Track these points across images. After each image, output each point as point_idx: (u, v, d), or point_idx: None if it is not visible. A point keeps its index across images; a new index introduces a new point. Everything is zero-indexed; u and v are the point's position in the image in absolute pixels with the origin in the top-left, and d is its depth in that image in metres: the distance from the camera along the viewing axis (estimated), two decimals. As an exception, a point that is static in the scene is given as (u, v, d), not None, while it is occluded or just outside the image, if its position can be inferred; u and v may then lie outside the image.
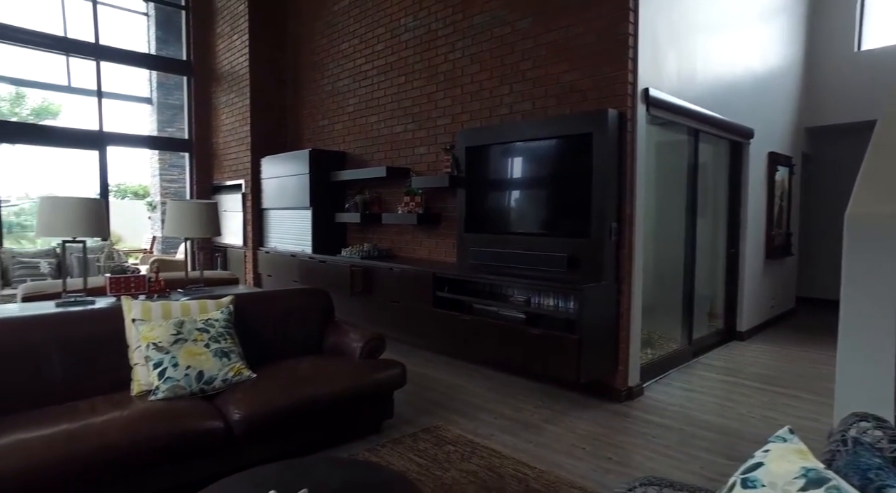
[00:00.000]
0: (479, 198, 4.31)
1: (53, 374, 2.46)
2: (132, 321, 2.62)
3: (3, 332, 2.42)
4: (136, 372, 2.55)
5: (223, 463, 2.43)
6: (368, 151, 5.67)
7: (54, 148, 7.47)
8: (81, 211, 2.81)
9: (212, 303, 2.90)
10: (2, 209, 6.51)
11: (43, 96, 12.97)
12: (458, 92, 4.69)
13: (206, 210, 3.32)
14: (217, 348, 2.64)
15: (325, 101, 6.30)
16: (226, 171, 7.31)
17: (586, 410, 3.45)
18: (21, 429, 2.07)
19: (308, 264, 5.70)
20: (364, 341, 3.16)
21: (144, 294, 3.18)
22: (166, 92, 9.79)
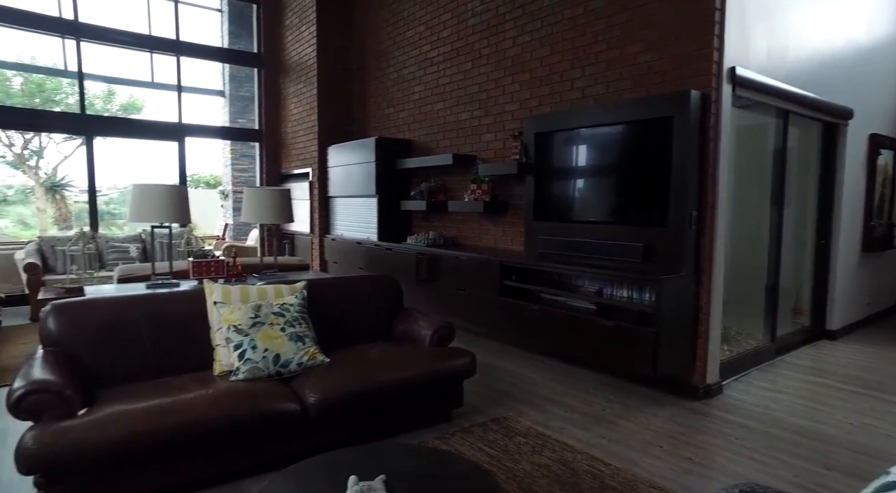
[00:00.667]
0: (549, 185, 4.19)
1: (146, 351, 2.60)
2: (214, 304, 2.72)
3: (106, 310, 2.58)
4: (218, 353, 2.66)
5: (298, 444, 2.50)
6: (434, 138, 5.64)
7: (140, 140, 7.94)
8: (168, 198, 2.94)
9: (286, 288, 2.97)
10: (97, 199, 6.93)
11: (130, 92, 13.83)
12: (526, 77, 4.57)
13: (280, 197, 3.40)
14: (292, 332, 2.70)
15: (390, 89, 6.32)
16: (294, 159, 7.51)
17: (661, 406, 3.30)
18: (123, 401, 2.20)
19: (374, 251, 5.77)
20: (434, 328, 3.15)
21: (223, 278, 3.30)
22: (238, 84, 10.18)
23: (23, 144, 12.97)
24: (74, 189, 13.80)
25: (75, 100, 13.71)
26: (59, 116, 9.04)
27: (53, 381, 2.09)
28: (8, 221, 13.42)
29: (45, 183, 13.45)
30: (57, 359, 2.33)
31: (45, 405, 2.04)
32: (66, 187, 13.71)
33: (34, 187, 13.46)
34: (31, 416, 2.03)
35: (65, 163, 13.69)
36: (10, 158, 12.99)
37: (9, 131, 12.60)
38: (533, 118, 4.31)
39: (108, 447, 1.99)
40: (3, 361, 4.19)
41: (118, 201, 14.93)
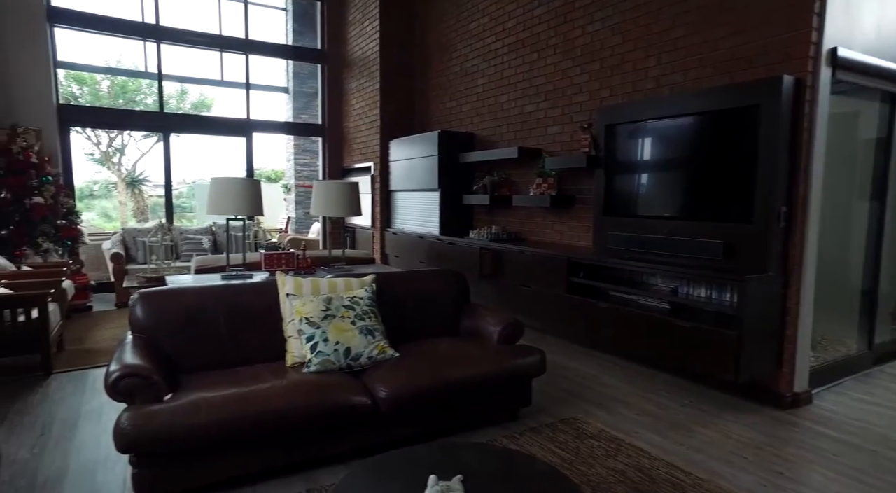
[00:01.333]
0: (620, 179, 4.02)
1: (222, 340, 2.68)
2: (286, 296, 2.77)
3: (187, 300, 2.68)
4: (290, 344, 2.70)
5: (367, 438, 2.51)
6: (497, 131, 5.56)
7: (211, 136, 8.28)
8: (243, 191, 3.02)
9: (356, 281, 2.99)
10: (172, 192, 7.28)
11: (200, 92, 14.52)
12: (596, 67, 4.40)
13: (348, 191, 3.42)
14: (362, 325, 2.71)
15: (452, 82, 6.27)
16: (355, 154, 7.61)
17: (742, 414, 3.10)
18: (204, 388, 2.27)
19: (436, 245, 5.76)
20: (502, 325, 3.09)
21: (293, 270, 3.37)
22: (301, 81, 10.43)
23: (108, 142, 13.88)
24: (150, 184, 14.66)
25: (153, 99, 14.51)
26: (140, 114, 9.57)
27: (143, 366, 2.18)
28: (94, 213, 14.40)
29: (125, 178, 14.34)
30: (144, 345, 2.44)
31: (136, 389, 2.13)
32: (143, 182, 14.58)
33: (117, 183, 14.39)
34: (124, 398, 2.13)
35: (143, 160, 14.55)
36: (97, 156, 13.92)
37: (97, 130, 13.51)
38: (604, 109, 4.14)
39: (192, 432, 2.06)
40: (96, 343, 4.47)
41: (187, 195, 15.74)
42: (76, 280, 5.50)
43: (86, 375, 3.73)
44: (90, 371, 3.79)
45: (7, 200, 5.35)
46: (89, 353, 4.19)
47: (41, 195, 5.51)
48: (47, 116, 6.13)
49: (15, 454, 2.58)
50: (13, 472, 2.42)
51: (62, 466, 2.49)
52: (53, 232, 5.60)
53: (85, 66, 11.51)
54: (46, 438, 2.77)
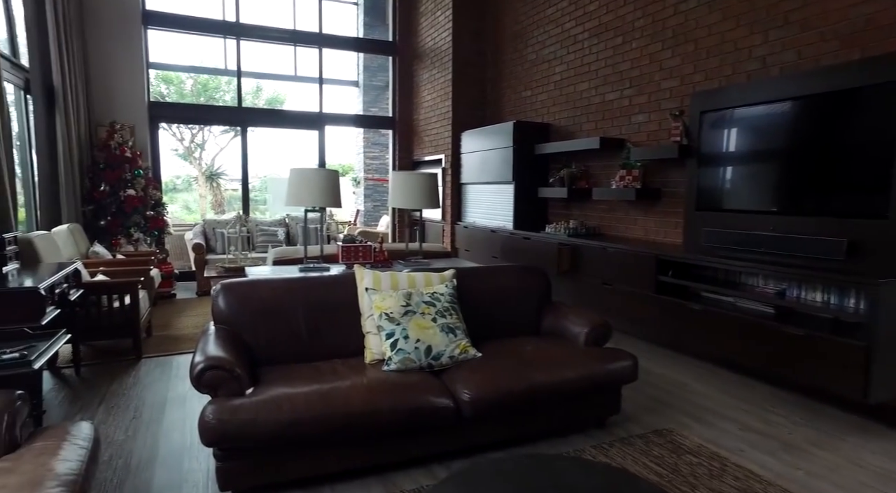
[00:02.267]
0: (716, 170, 3.68)
1: (301, 333, 2.64)
2: (365, 290, 2.69)
3: (267, 292, 2.65)
4: (369, 340, 2.62)
5: (449, 442, 2.39)
6: (576, 121, 5.28)
7: (285, 129, 8.48)
8: (323, 182, 2.97)
9: (436, 276, 2.87)
10: (249, 185, 7.50)
11: (274, 88, 15.02)
12: (689, 48, 4.05)
13: (427, 182, 3.31)
14: (443, 322, 2.59)
15: (528, 71, 6.04)
16: (426, 146, 7.54)
17: (872, 438, 2.72)
18: (284, 383, 2.23)
19: (509, 240, 5.58)
20: (589, 327, 2.87)
21: (369, 263, 3.30)
22: (371, 74, 10.49)
23: (190, 138, 14.64)
24: (227, 178, 15.35)
25: (230, 96, 15.14)
26: (220, 109, 9.95)
27: (226, 359, 2.15)
28: (177, 206, 15.25)
29: (205, 172, 15.08)
30: (226, 337, 2.43)
31: (220, 381, 2.11)
32: (220, 176, 15.28)
33: (197, 177, 15.16)
34: (209, 389, 2.11)
35: (220, 155, 15.24)
36: (180, 152, 14.73)
37: (181, 127, 14.29)
38: (699, 95, 3.80)
39: (274, 429, 2.01)
40: (180, 330, 4.63)
41: (260, 189, 16.35)
42: (162, 269, 5.75)
43: (171, 361, 3.85)
44: (175, 358, 3.91)
45: (105, 192, 5.66)
46: (174, 339, 4.34)
47: (133, 188, 5.80)
48: (140, 113, 6.45)
49: (112, 435, 2.67)
50: (111, 453, 2.50)
51: (153, 450, 2.54)
52: (143, 223, 5.89)
53: (172, 66, 12.16)
54: (138, 421, 2.85)
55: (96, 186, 5.68)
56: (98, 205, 5.67)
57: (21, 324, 2.60)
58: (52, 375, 3.60)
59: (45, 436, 1.75)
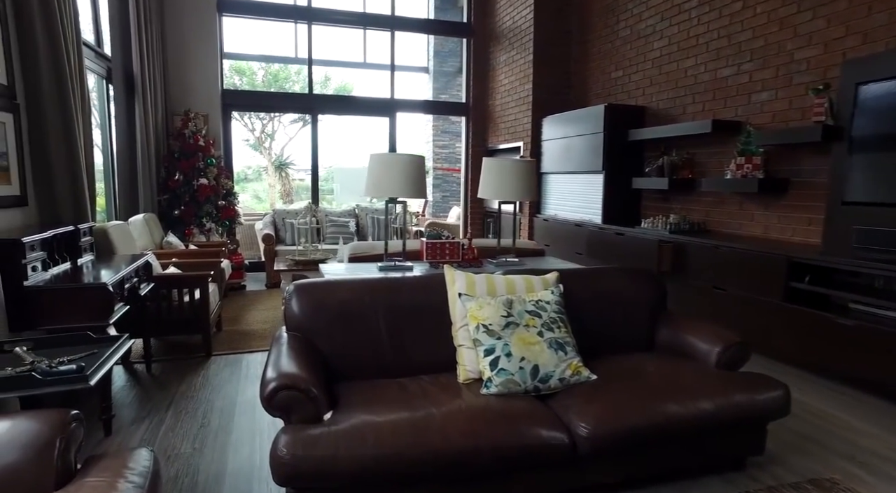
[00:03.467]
0: (876, 156, 3.03)
1: (383, 343, 2.30)
2: (458, 296, 2.31)
3: (345, 294, 2.33)
4: (462, 355, 2.24)
5: (560, 481, 1.98)
6: (679, 103, 4.67)
7: (354, 117, 8.26)
8: (407, 169, 2.61)
9: (537, 280, 2.45)
10: (318, 174, 7.33)
11: (342, 78, 14.96)
12: (840, 6, 3.38)
13: (525, 169, 2.88)
14: (551, 337, 2.17)
15: (619, 49, 5.45)
16: (502, 133, 7.08)
17: None
18: (366, 407, 1.89)
19: (598, 235, 5.06)
20: (721, 345, 2.37)
21: (456, 262, 2.92)
22: (441, 60, 10.12)
23: (261, 128, 14.88)
24: (295, 167, 15.51)
25: (300, 87, 15.23)
26: (291, 96, 9.90)
27: (301, 377, 1.83)
28: (247, 195, 15.58)
29: (274, 162, 15.29)
30: (300, 347, 2.12)
31: (294, 404, 1.79)
32: (289, 166, 15.46)
33: (267, 167, 15.41)
34: (281, 413, 1.80)
35: (289, 145, 15.41)
36: (251, 142, 15.01)
37: (252, 118, 14.53)
38: (853, 63, 3.14)
39: (356, 467, 1.67)
40: (249, 325, 4.47)
41: (325, 178, 16.42)
42: (233, 260, 5.65)
43: (240, 360, 3.65)
44: (244, 356, 3.71)
45: (179, 181, 5.61)
46: (244, 336, 4.16)
47: (206, 177, 5.72)
48: (213, 102, 6.39)
49: (179, 447, 2.45)
50: (178, 468, 2.28)
51: (220, 465, 2.30)
52: (215, 212, 5.81)
53: (244, 55, 12.30)
54: (206, 430, 2.62)
55: (171, 175, 5.63)
56: (172, 194, 5.63)
57: (89, 322, 2.41)
58: (125, 369, 3.48)
59: (101, 468, 1.48)
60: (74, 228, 2.94)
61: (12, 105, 2.94)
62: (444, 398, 1.99)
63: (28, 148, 3.11)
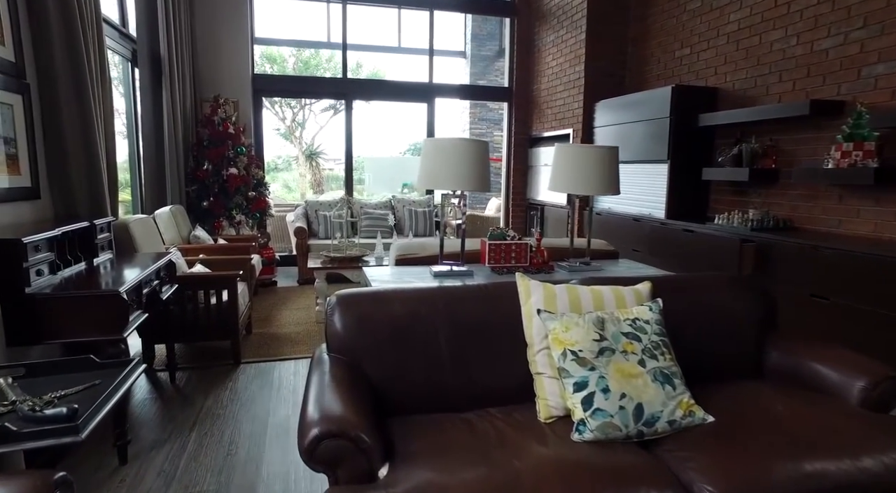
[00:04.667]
0: None
1: (444, 369, 1.90)
2: (536, 312, 1.88)
3: (396, 307, 1.93)
4: (542, 385, 1.82)
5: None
6: (762, 82, 4.11)
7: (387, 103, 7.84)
8: (470, 156, 2.18)
9: (628, 292, 2.00)
10: (352, 163, 6.97)
11: (374, 64, 14.59)
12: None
13: (607, 158, 2.42)
14: (656, 367, 1.73)
15: (686, 23, 4.89)
16: (548, 120, 6.58)
17: None
18: (431, 459, 1.48)
19: (660, 231, 4.55)
20: (866, 379, 1.88)
21: (523, 267, 2.49)
22: (479, 43, 9.62)
23: (291, 117, 14.65)
24: (326, 157, 15.25)
25: (330, 74, 14.92)
26: (325, 81, 9.53)
27: (350, 421, 1.44)
28: (277, 185, 15.39)
29: (305, 151, 15.06)
30: (346, 376, 1.73)
31: (342, 456, 1.40)
32: (319, 155, 15.20)
33: (297, 156, 15.19)
34: (325, 468, 1.42)
35: (319, 134, 15.14)
36: (282, 131, 14.80)
37: (283, 107, 14.30)
38: None
39: (428, 545, 1.27)
40: (281, 327, 4.13)
41: (355, 168, 16.08)
42: (263, 254, 5.34)
43: (271, 370, 3.31)
44: (276, 366, 3.37)
45: (208, 171, 5.31)
46: (275, 340, 3.83)
47: (235, 166, 5.41)
48: (244, 87, 6.07)
49: (202, 483, 2.10)
50: (196, 511, 1.92)
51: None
52: (245, 204, 5.50)
53: (275, 40, 12.01)
54: (233, 460, 2.27)
55: (199, 164, 5.33)
56: (201, 185, 5.33)
57: (100, 335, 2.07)
58: (147, 378, 3.18)
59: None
60: (89, 223, 2.61)
61: (21, 85, 2.62)
62: (527, 446, 1.58)
63: (41, 134, 2.79)
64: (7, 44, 2.54)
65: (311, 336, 3.93)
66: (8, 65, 2.53)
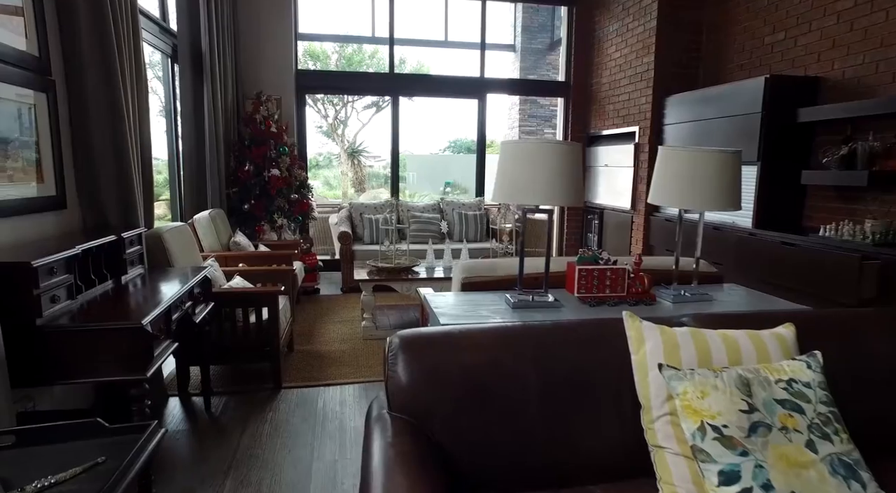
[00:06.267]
0: None
1: (533, 434, 1.49)
2: (658, 368, 1.45)
3: (472, 355, 1.53)
4: (665, 465, 1.39)
5: None
6: (882, 68, 3.51)
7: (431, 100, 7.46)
8: (562, 165, 1.76)
9: (769, 338, 1.55)
10: (398, 162, 6.63)
11: (417, 58, 14.23)
12: None
13: (730, 164, 1.95)
14: (832, 453, 1.27)
15: (781, 4, 4.30)
16: (609, 117, 6.06)
17: None
18: None
19: (751, 243, 4.00)
20: None
21: (618, 297, 2.05)
22: (530, 36, 9.13)
23: (334, 115, 14.48)
24: (368, 154, 15.04)
25: (374, 70, 14.67)
26: (372, 76, 9.23)
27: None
28: (318, 181, 15.28)
29: (347, 149, 14.88)
30: (415, 449, 1.34)
31: None
32: (362, 153, 15.00)
33: (339, 154, 15.03)
34: None
35: (361, 132, 14.93)
36: (324, 128, 14.66)
37: (325, 104, 14.14)
38: None
39: None
40: (325, 344, 3.81)
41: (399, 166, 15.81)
42: (305, 261, 5.05)
43: (315, 397, 2.98)
44: (319, 392, 3.04)
45: (250, 172, 5.06)
46: (318, 359, 3.50)
47: (278, 167, 5.14)
48: (287, 84, 5.81)
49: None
50: None
51: None
52: (287, 207, 5.22)
53: (319, 36, 11.82)
54: (271, 522, 1.93)
55: (241, 164, 5.08)
56: (242, 187, 5.08)
57: (121, 375, 1.76)
58: (181, 403, 2.90)
59: None
60: (117, 237, 2.32)
61: (46, 82, 2.35)
62: (662, 565, 1.16)
63: (67, 137, 2.52)
64: (30, 36, 2.27)
65: (357, 355, 3.59)
66: (31, 59, 2.26)
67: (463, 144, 16.09)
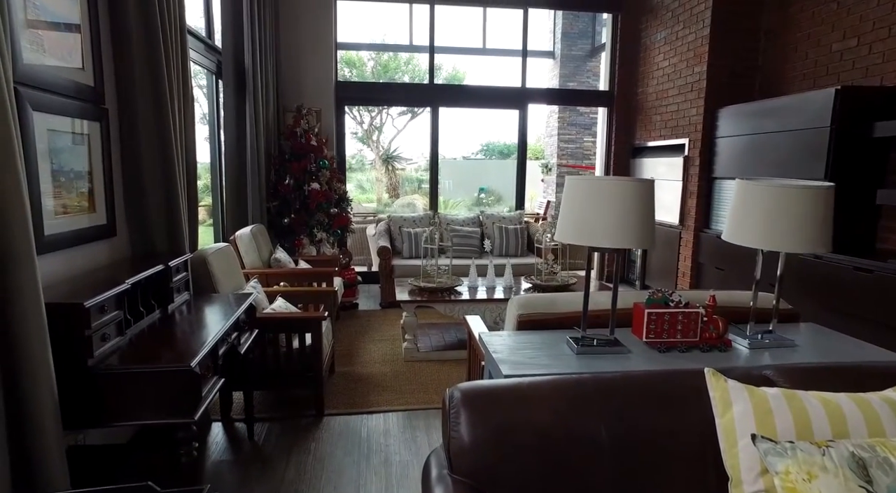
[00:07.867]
0: None
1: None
2: (751, 439, 1.30)
3: (542, 414, 1.41)
4: (762, 550, 1.24)
5: None
6: (968, 82, 3.23)
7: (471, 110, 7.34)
8: (635, 206, 1.61)
9: (880, 405, 1.38)
10: (438, 175, 6.55)
11: (453, 65, 14.16)
12: None
13: (821, 201, 1.77)
14: (967, 554, 1.10)
15: (852, 8, 4.03)
16: (655, 128, 5.83)
17: None
18: None
19: (816, 268, 3.74)
20: None
21: (690, 343, 1.89)
22: (570, 42, 8.93)
23: (369, 121, 14.54)
24: (403, 160, 15.05)
25: (409, 77, 14.66)
26: (411, 86, 9.18)
27: None
28: (351, 185, 15.34)
29: (381, 156, 14.92)
30: (484, 525, 1.23)
31: None
32: (396, 159, 15.01)
33: (374, 160, 15.08)
34: None
35: (396, 138, 14.95)
36: (359, 134, 14.74)
37: (361, 110, 14.20)
38: None
39: None
40: (366, 365, 3.73)
41: (425, 169, 15.77)
42: (345, 276, 5.01)
43: (358, 425, 2.90)
44: (362, 420, 2.96)
45: (290, 186, 5.05)
46: (360, 383, 3.43)
47: (318, 181, 5.11)
48: (326, 96, 5.80)
49: None
50: None
51: None
52: (326, 221, 5.19)
53: (355, 44, 11.87)
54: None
55: (281, 178, 5.08)
56: (282, 200, 5.07)
57: (169, 417, 1.71)
58: (223, 428, 2.86)
59: None
60: (164, 266, 2.29)
61: (99, 111, 2.34)
62: None
63: (118, 164, 2.51)
64: (87, 66, 2.26)
65: (399, 379, 3.51)
66: (87, 90, 2.25)
67: (496, 147, 15.93)
